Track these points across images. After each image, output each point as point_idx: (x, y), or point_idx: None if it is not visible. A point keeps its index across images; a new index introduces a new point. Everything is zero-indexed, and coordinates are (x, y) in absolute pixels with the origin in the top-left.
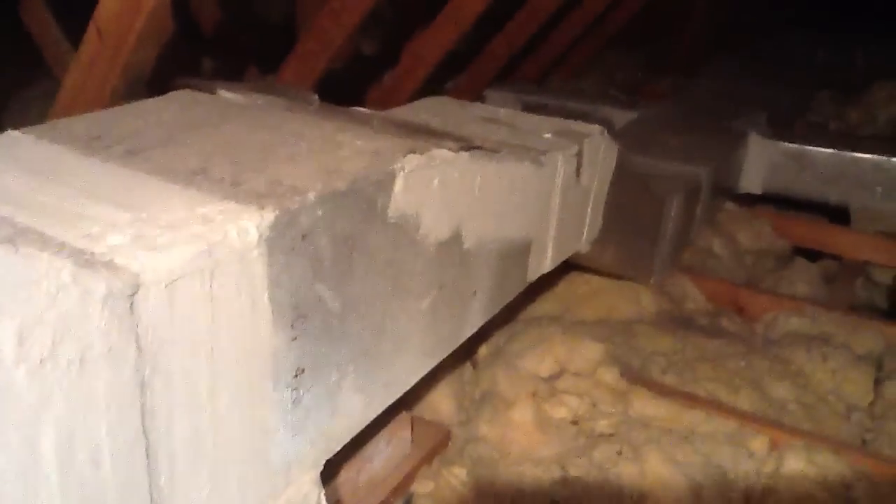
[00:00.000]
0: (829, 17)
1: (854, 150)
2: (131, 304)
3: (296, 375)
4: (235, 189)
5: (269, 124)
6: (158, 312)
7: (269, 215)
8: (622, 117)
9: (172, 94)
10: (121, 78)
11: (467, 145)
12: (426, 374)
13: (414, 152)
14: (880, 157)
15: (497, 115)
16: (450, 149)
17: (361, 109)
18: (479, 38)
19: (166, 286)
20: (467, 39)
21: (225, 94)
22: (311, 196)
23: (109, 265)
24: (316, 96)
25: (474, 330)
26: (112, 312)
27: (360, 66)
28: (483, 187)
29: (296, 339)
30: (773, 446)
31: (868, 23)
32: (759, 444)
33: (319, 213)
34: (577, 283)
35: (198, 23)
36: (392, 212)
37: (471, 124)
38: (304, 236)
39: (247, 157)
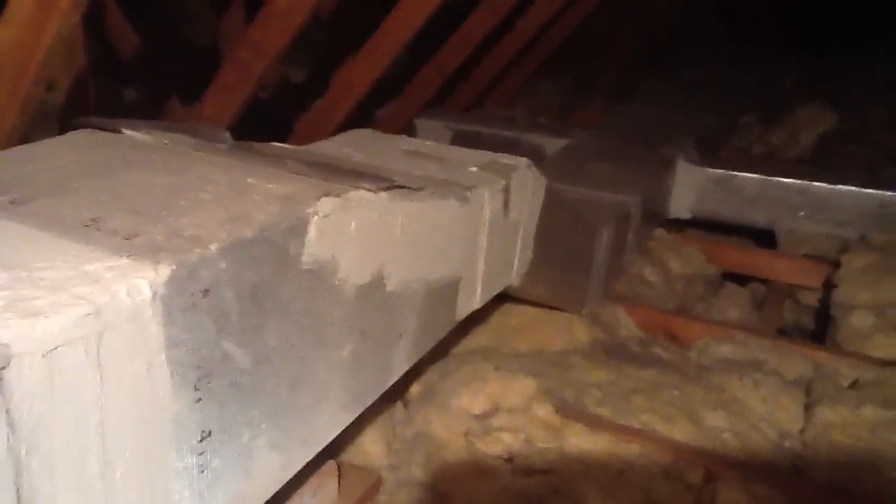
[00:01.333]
0: (757, 40)
1: (779, 174)
2: (0, 378)
3: (201, 439)
4: (129, 242)
5: (174, 167)
6: (35, 385)
7: (165, 271)
8: (553, 145)
9: (71, 135)
10: (20, 115)
11: (387, 185)
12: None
13: (329, 195)
14: (804, 182)
15: (423, 148)
16: (368, 189)
17: (279, 146)
18: (411, 65)
19: (43, 356)
20: (399, 66)
21: (129, 133)
22: (214, 247)
23: None
24: (228, 134)
25: (400, 374)
26: None
27: (288, 95)
28: (405, 227)
29: (200, 400)
30: (709, 478)
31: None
32: (695, 476)
33: (223, 265)
34: (510, 315)
35: (115, 49)
36: (306, 258)
37: (395, 159)
38: (205, 291)
39: (146, 206)
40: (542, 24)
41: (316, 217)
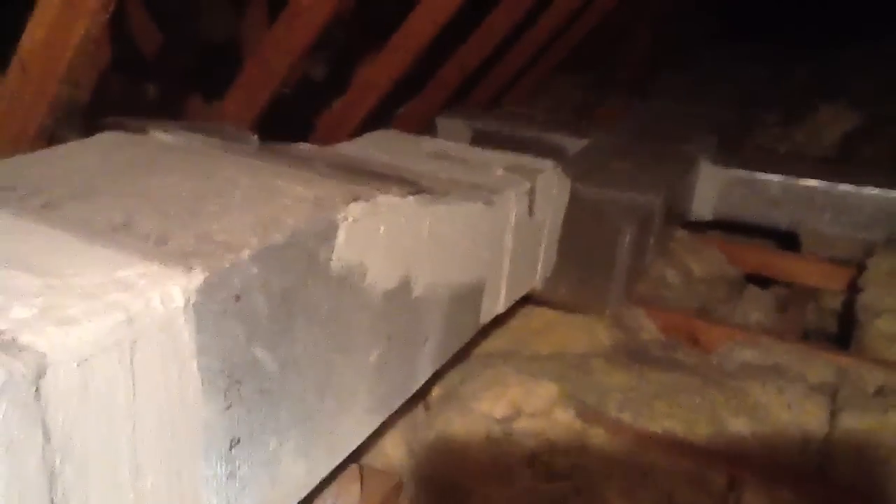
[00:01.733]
0: (771, 32)
1: (803, 175)
2: (37, 388)
3: (230, 447)
4: (161, 248)
5: (202, 170)
6: (70, 394)
7: (198, 278)
8: (574, 144)
9: (99, 136)
10: (48, 114)
11: (415, 189)
12: None
13: (358, 199)
14: (829, 183)
15: (447, 149)
16: (396, 194)
17: (305, 146)
18: (431, 63)
19: (78, 364)
20: (419, 63)
21: (157, 134)
22: (246, 253)
23: (11, 345)
24: (255, 136)
25: (426, 379)
26: (13, 402)
27: (310, 91)
28: (432, 232)
29: (230, 407)
30: (733, 483)
31: (807, 37)
32: (719, 481)
33: (255, 270)
34: (531, 317)
35: (138, 46)
36: (335, 263)
37: (420, 160)
38: (237, 297)
39: (176, 209)
40: (564, 20)
41: (346, 222)
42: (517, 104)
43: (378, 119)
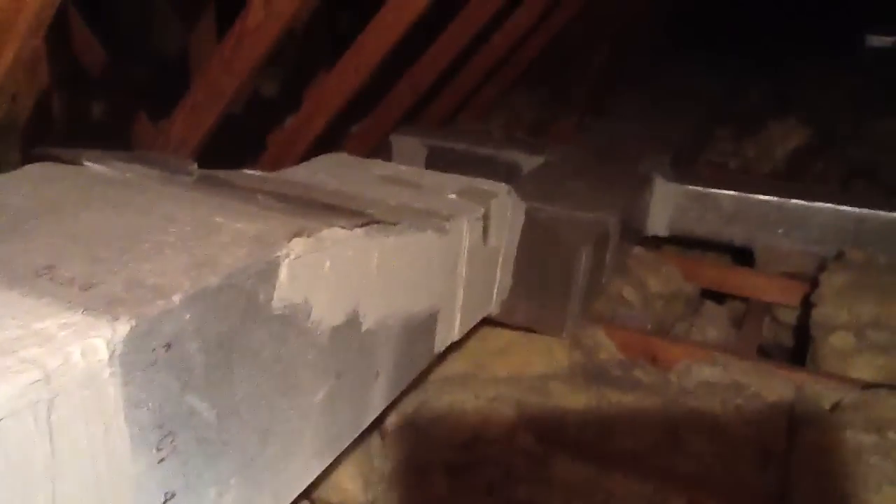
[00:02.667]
0: (729, 47)
1: (756, 191)
2: None
3: (165, 501)
4: (86, 293)
5: (137, 205)
6: None
7: (124, 327)
8: (529, 162)
9: (27, 169)
10: None
11: (363, 221)
12: None
13: (301, 235)
14: (781, 199)
15: (399, 173)
16: (343, 227)
17: (250, 173)
18: (386, 80)
19: None
20: (374, 80)
21: (91, 166)
22: (177, 298)
23: None
24: (195, 165)
25: (378, 413)
26: None
27: (261, 109)
28: (382, 264)
29: (163, 460)
30: None
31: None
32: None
33: (187, 316)
34: (488, 339)
35: (81, 64)
36: (277, 303)
37: (371, 186)
38: (168, 346)
39: (106, 250)
40: (519, 37)
41: (287, 259)
42: (473, 120)
43: (332, 137)
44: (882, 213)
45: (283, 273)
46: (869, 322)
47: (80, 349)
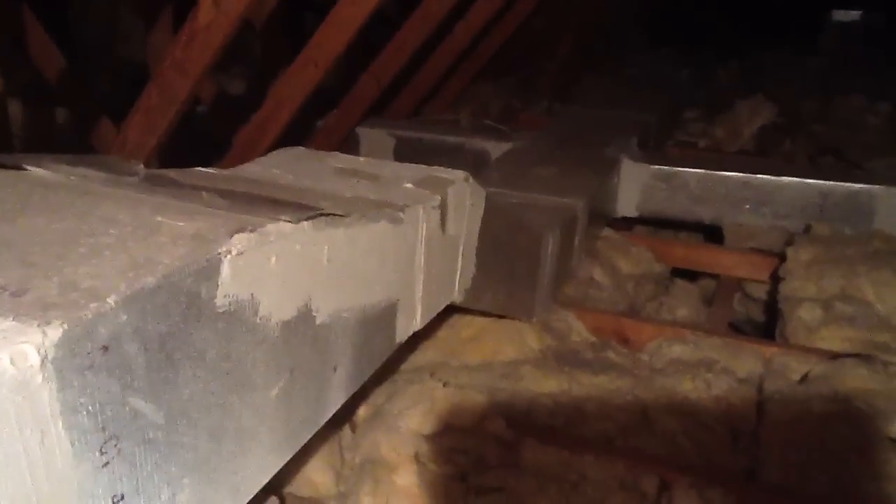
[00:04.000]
0: (695, 36)
1: (722, 169)
2: None
3: None
4: (17, 300)
5: (77, 208)
6: None
7: (55, 332)
8: (497, 149)
9: None
10: None
11: (309, 214)
12: None
13: (243, 230)
14: (747, 175)
15: (356, 165)
16: (289, 220)
17: (200, 171)
18: (350, 73)
19: None
20: (339, 75)
21: (33, 171)
22: (112, 300)
23: None
24: (141, 166)
25: (337, 408)
26: None
27: (227, 107)
28: (333, 256)
29: (108, 464)
30: (664, 485)
31: (730, 40)
32: (650, 484)
33: (124, 318)
34: (459, 326)
35: (40, 72)
36: (221, 301)
37: (326, 179)
38: (105, 348)
39: (42, 255)
40: (482, 27)
41: (229, 256)
42: (441, 111)
43: (298, 132)
44: (846, 185)
45: (226, 270)
46: (836, 294)
47: (9, 356)
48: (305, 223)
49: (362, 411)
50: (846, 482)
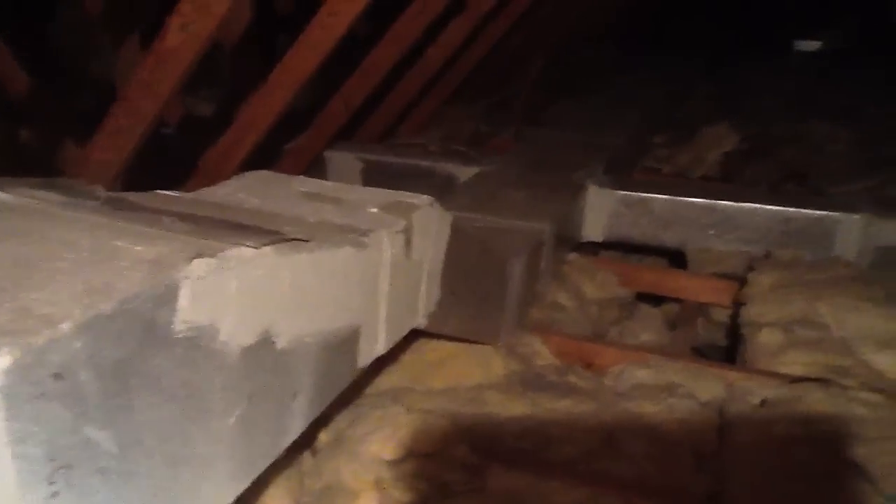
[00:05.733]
0: (667, 58)
1: (687, 195)
2: None
3: None
4: None
5: (35, 232)
6: None
7: (4, 360)
8: (465, 173)
9: None
10: None
11: (272, 239)
12: None
13: (203, 256)
14: (712, 201)
15: (322, 189)
16: (251, 246)
17: (163, 195)
18: (320, 96)
19: None
20: (308, 97)
21: None
22: (66, 326)
23: None
24: (101, 188)
25: (297, 434)
26: None
27: (196, 129)
28: (295, 282)
29: (57, 494)
30: None
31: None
32: None
33: (78, 345)
34: (424, 351)
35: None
36: (179, 327)
37: (291, 203)
38: (57, 376)
39: None
40: (453, 50)
41: (188, 281)
42: (412, 135)
43: (266, 156)
44: (807, 211)
45: (184, 296)
46: (796, 319)
47: None
48: (267, 248)
49: (324, 436)
50: None
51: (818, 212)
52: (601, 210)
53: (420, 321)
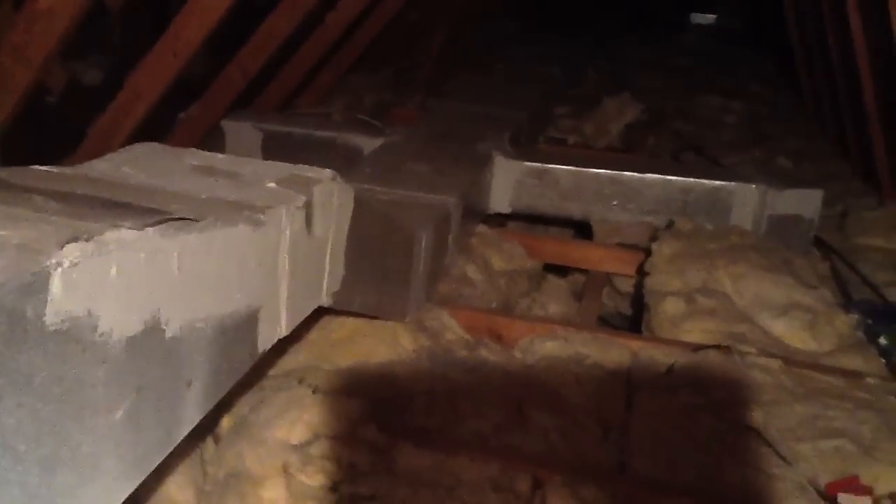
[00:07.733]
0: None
1: (591, 166)
2: None
3: None
4: None
5: None
6: None
7: None
8: (370, 144)
9: None
10: None
11: (156, 220)
12: None
13: (77, 240)
14: (615, 172)
15: (215, 163)
16: (131, 227)
17: (39, 170)
18: (216, 64)
19: None
20: (203, 65)
21: None
22: None
23: None
24: None
25: (193, 425)
26: None
27: (83, 98)
28: (184, 264)
29: None
30: (537, 484)
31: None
32: (524, 484)
33: None
34: (331, 328)
35: None
36: (51, 318)
37: (181, 178)
38: None
39: None
40: (353, 18)
41: (60, 268)
42: (313, 104)
43: (157, 125)
44: (706, 181)
45: (56, 284)
46: (697, 288)
47: None
48: (151, 230)
49: (226, 422)
50: (711, 470)
51: (716, 182)
52: (507, 181)
53: (325, 300)
